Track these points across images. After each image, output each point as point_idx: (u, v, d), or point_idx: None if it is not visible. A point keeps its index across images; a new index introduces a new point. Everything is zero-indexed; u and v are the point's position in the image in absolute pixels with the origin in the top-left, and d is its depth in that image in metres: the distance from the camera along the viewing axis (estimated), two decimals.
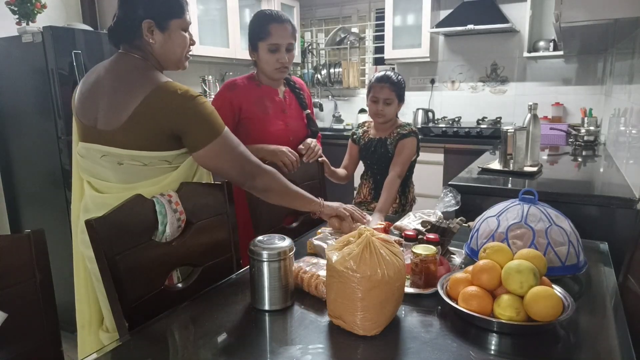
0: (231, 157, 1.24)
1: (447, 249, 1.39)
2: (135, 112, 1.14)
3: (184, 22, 1.26)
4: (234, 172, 1.26)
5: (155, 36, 1.22)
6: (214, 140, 1.19)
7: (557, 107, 3.65)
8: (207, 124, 1.19)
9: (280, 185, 1.35)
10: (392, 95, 1.96)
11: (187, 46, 1.30)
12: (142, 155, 1.16)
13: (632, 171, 1.92)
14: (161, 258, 1.19)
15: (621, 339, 0.94)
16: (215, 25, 3.55)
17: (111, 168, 1.19)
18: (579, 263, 1.20)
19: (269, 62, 1.72)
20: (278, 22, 1.69)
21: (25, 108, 2.47)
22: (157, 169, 1.21)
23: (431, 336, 0.96)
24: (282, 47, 1.70)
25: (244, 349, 0.94)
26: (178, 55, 1.28)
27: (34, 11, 2.45)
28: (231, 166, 1.25)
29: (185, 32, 1.28)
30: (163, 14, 1.22)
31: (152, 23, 1.21)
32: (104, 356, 0.93)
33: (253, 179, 1.28)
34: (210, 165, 1.24)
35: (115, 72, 1.21)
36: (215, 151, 1.20)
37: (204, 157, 1.21)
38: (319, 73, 4.54)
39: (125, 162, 1.17)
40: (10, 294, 0.93)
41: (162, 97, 1.15)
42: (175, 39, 1.25)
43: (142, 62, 1.22)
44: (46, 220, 2.54)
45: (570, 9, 1.56)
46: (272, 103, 1.80)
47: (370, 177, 2.13)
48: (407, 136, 1.99)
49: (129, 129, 1.15)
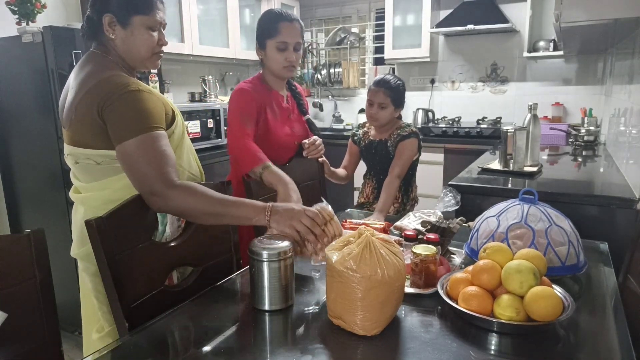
0: (146, 161, 1.08)
1: (447, 249, 1.39)
2: (76, 108, 1.13)
3: (149, 20, 1.21)
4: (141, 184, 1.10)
5: (117, 32, 1.19)
6: (134, 137, 1.08)
7: (557, 107, 3.65)
8: (134, 116, 1.09)
9: (198, 202, 1.11)
10: (386, 100, 1.97)
11: (154, 45, 1.24)
12: (92, 153, 1.14)
13: (632, 171, 1.92)
14: (161, 258, 1.19)
15: (621, 339, 0.94)
16: (215, 25, 3.55)
17: (73, 167, 1.20)
18: (579, 263, 1.20)
19: (277, 61, 1.71)
20: (288, 21, 1.68)
21: (25, 108, 2.47)
22: (111, 168, 1.16)
23: (431, 336, 0.96)
24: (291, 46, 1.69)
25: (244, 349, 0.94)
26: (142, 54, 1.23)
27: (34, 11, 2.45)
28: (141, 175, 1.09)
29: (154, 31, 1.23)
30: (125, 9, 1.18)
31: (113, 17, 1.18)
32: (104, 356, 0.93)
33: (160, 198, 1.09)
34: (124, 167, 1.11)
35: (77, 71, 1.20)
36: (129, 151, 1.08)
37: (119, 155, 1.10)
38: (319, 73, 4.54)
39: (80, 160, 1.16)
40: (10, 294, 0.93)
41: (99, 90, 1.11)
42: (138, 35, 1.20)
43: (102, 59, 1.20)
44: (46, 220, 2.54)
45: (570, 9, 1.56)
46: (280, 108, 1.80)
47: (373, 177, 2.13)
48: (408, 137, 1.99)
49: (74, 126, 1.15)
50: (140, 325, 1.03)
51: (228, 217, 1.15)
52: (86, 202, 1.20)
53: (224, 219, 1.16)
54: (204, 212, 1.12)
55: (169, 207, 1.11)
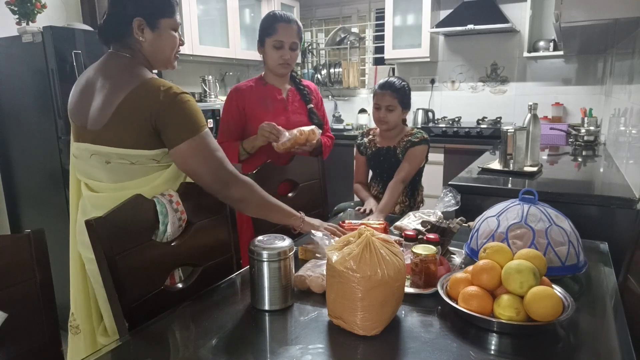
0: (207, 159, 1.19)
1: (447, 249, 1.39)
2: (118, 109, 1.14)
3: (174, 22, 1.26)
4: (208, 176, 1.20)
5: (146, 34, 1.22)
6: (192, 137, 1.16)
7: (557, 107, 3.65)
8: (186, 120, 1.16)
9: (257, 197, 1.29)
10: (394, 102, 1.97)
11: (176, 46, 1.30)
12: (128, 153, 1.16)
13: (632, 171, 1.92)
14: (161, 258, 1.19)
15: (621, 339, 0.94)
16: (215, 25, 3.55)
17: (101, 167, 1.19)
18: (579, 263, 1.20)
19: (273, 58, 1.84)
20: (285, 22, 1.82)
21: (25, 108, 2.47)
22: (146, 167, 1.19)
23: (431, 336, 0.96)
24: (286, 45, 1.83)
25: (244, 349, 0.94)
26: (167, 55, 1.28)
27: (34, 11, 2.45)
28: (206, 170, 1.20)
29: (175, 32, 1.28)
30: (154, 12, 1.22)
31: (143, 21, 1.21)
32: (104, 356, 0.93)
33: (228, 188, 1.22)
34: (186, 165, 1.19)
35: (104, 72, 1.21)
36: (191, 149, 1.17)
37: (180, 155, 1.17)
38: (319, 73, 4.54)
39: (113, 160, 1.17)
40: (10, 294, 0.93)
41: (145, 93, 1.14)
42: (165, 38, 1.25)
43: (130, 60, 1.22)
44: (46, 220, 2.54)
45: (570, 9, 1.56)
46: (274, 101, 1.90)
47: (379, 183, 2.12)
48: (419, 144, 1.98)
49: (113, 126, 1.15)
50: (140, 325, 1.03)
51: (273, 215, 1.37)
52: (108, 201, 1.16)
53: (269, 215, 1.36)
54: (257, 205, 1.30)
55: (233, 196, 1.24)
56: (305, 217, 1.43)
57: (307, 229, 1.41)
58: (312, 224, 1.42)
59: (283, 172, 1.82)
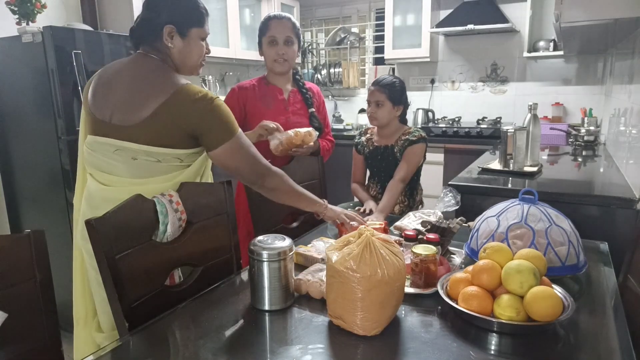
0: (244, 156, 1.30)
1: (447, 249, 1.39)
2: (156, 111, 1.18)
3: (203, 32, 1.32)
4: (246, 171, 1.32)
5: (175, 41, 1.27)
6: (230, 139, 1.25)
7: (557, 107, 3.65)
8: (223, 124, 1.25)
9: (288, 186, 1.41)
10: (382, 97, 1.97)
11: (203, 54, 1.36)
12: (158, 151, 1.20)
13: (632, 171, 1.92)
14: (161, 258, 1.19)
15: (621, 339, 0.94)
16: (215, 25, 3.55)
17: (124, 162, 1.21)
18: (579, 263, 1.20)
19: (269, 55, 1.88)
20: (277, 19, 1.87)
21: (25, 108, 2.47)
22: (169, 166, 1.24)
23: (431, 336, 0.96)
24: (280, 40, 1.86)
25: (244, 349, 0.94)
26: (194, 62, 1.34)
27: (34, 11, 2.45)
28: (244, 165, 1.30)
29: (203, 41, 1.34)
30: (185, 21, 1.27)
31: (174, 29, 1.26)
32: (104, 356, 0.93)
33: (263, 179, 1.34)
34: (226, 163, 1.29)
35: (134, 71, 1.25)
36: (230, 150, 1.26)
37: (220, 155, 1.26)
38: (319, 73, 4.54)
39: (140, 157, 1.20)
40: (10, 294, 0.93)
41: (184, 100, 1.20)
42: (193, 46, 1.31)
43: (161, 64, 1.27)
44: (46, 220, 2.53)
45: (570, 9, 1.56)
46: (275, 100, 1.92)
47: (377, 183, 2.12)
48: (417, 142, 1.98)
49: (148, 127, 1.18)
50: (140, 325, 1.03)
51: (300, 202, 1.47)
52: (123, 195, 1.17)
53: (297, 202, 1.47)
54: (287, 193, 1.41)
55: (268, 185, 1.36)
56: (329, 204, 1.54)
57: (329, 215, 1.52)
58: (334, 210, 1.53)
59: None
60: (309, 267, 1.25)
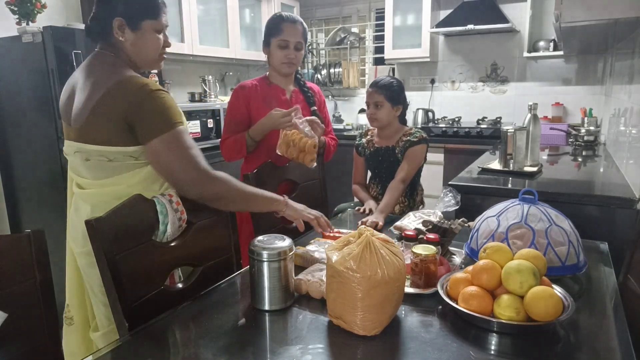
0: (179, 155, 1.16)
1: (447, 249, 1.39)
2: (95, 106, 1.15)
3: (157, 24, 1.26)
4: (179, 173, 1.17)
5: (126, 35, 1.22)
6: (166, 132, 1.15)
7: (557, 107, 3.65)
8: (160, 115, 1.15)
9: (235, 191, 1.26)
10: (380, 98, 1.98)
11: (160, 47, 1.29)
12: (105, 150, 1.16)
13: (632, 171, 1.92)
14: (161, 258, 1.19)
15: (621, 339, 0.94)
16: (215, 25, 3.55)
17: (82, 164, 1.21)
18: (579, 263, 1.20)
19: (278, 57, 1.86)
20: (290, 22, 1.85)
21: (25, 108, 2.47)
22: (125, 165, 1.19)
23: (431, 336, 0.96)
24: (291, 45, 1.85)
25: (244, 349, 0.94)
26: (151, 56, 1.28)
27: (34, 11, 2.45)
28: (177, 165, 1.16)
29: (160, 34, 1.28)
30: (136, 13, 1.22)
31: (123, 21, 1.21)
32: (104, 356, 0.93)
33: (201, 186, 1.19)
34: (158, 160, 1.17)
35: (87, 70, 1.22)
36: (163, 144, 1.14)
37: (153, 151, 1.15)
38: (319, 73, 4.54)
39: (92, 157, 1.18)
40: (10, 294, 0.93)
41: (120, 90, 1.15)
42: (148, 39, 1.25)
43: (113, 59, 1.23)
44: (46, 220, 2.54)
45: (570, 9, 1.56)
46: (278, 100, 1.91)
47: (378, 184, 2.12)
48: (418, 143, 1.98)
49: (92, 124, 1.16)
50: (140, 325, 1.03)
51: (254, 205, 1.37)
52: (94, 198, 1.20)
53: (250, 206, 1.37)
54: (234, 199, 1.28)
55: (206, 194, 1.21)
56: (289, 201, 1.40)
57: (289, 213, 1.39)
58: (295, 208, 1.40)
59: (283, 172, 1.83)
60: (308, 267, 1.25)
